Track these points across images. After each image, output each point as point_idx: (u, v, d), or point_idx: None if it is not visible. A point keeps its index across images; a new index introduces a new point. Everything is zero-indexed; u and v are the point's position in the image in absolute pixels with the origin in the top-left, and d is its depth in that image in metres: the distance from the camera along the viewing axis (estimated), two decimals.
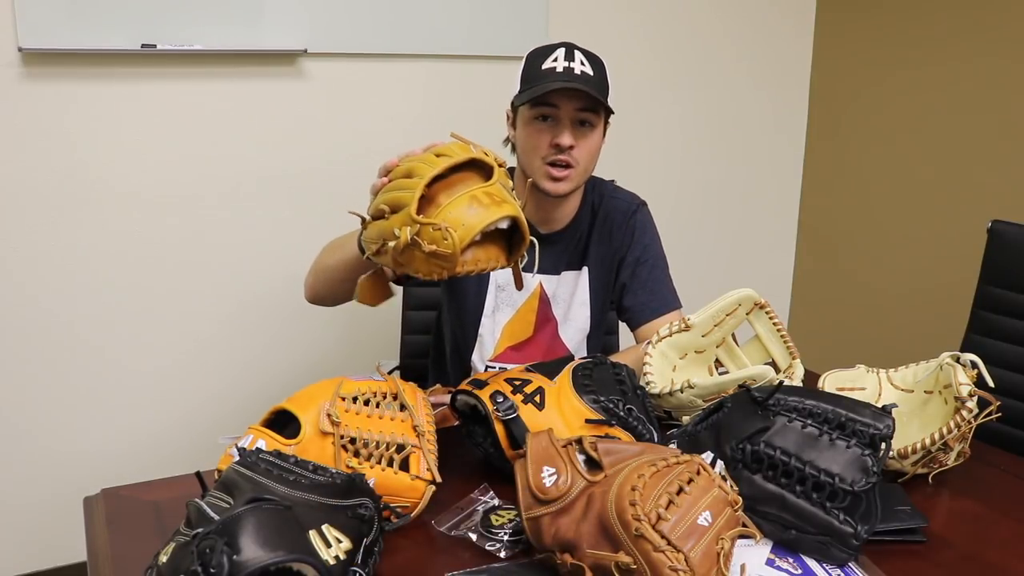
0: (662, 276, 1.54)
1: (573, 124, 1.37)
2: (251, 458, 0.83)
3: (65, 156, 1.94)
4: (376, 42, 2.19)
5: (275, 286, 2.21)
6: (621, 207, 1.53)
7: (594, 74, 1.37)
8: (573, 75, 1.34)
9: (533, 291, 1.52)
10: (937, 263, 2.55)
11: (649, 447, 0.92)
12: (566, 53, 1.36)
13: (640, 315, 1.51)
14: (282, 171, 2.16)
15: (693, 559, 0.76)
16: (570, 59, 1.36)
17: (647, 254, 1.53)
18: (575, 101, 1.35)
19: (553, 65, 1.35)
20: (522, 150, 1.43)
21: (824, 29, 2.83)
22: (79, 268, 1.99)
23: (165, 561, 0.71)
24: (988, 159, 2.39)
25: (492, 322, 1.52)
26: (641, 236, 1.53)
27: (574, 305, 1.53)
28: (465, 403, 1.11)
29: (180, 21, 1.94)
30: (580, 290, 1.53)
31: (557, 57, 1.36)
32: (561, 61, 1.35)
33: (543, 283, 1.52)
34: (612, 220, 1.52)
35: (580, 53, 1.38)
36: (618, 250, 1.52)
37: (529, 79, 1.38)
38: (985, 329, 1.59)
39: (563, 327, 1.54)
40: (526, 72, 1.40)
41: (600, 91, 1.36)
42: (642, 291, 1.52)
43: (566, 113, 1.36)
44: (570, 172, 1.38)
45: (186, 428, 2.17)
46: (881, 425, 0.92)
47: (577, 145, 1.37)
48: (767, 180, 2.93)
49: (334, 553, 0.75)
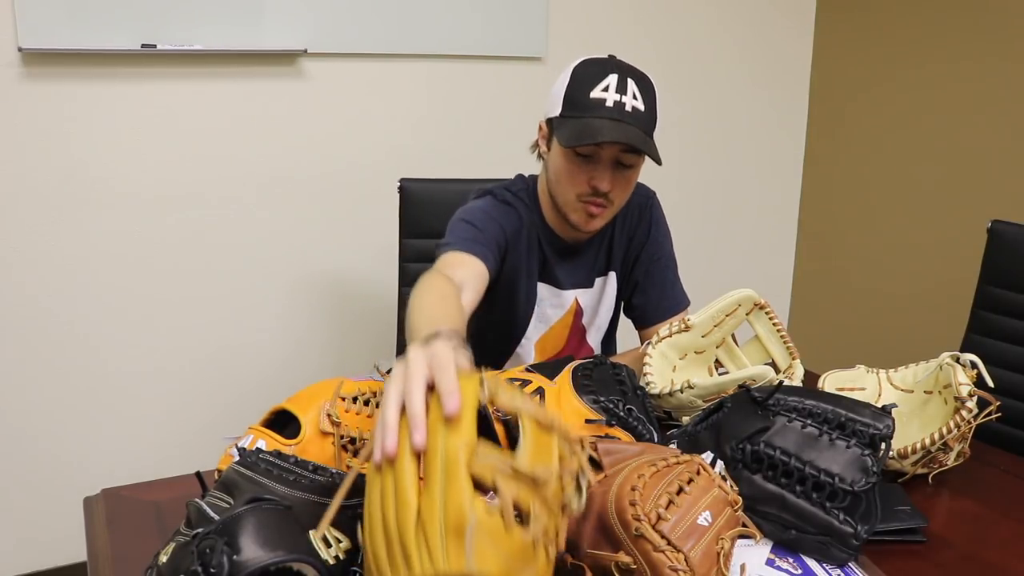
0: (674, 275, 1.51)
1: (613, 163, 1.27)
2: (251, 458, 0.82)
3: (65, 156, 1.94)
4: (377, 42, 2.19)
5: (275, 286, 2.22)
6: (636, 200, 1.46)
7: (645, 109, 1.25)
8: (623, 112, 1.22)
9: (569, 308, 1.48)
10: (937, 263, 2.55)
11: (649, 447, 0.92)
12: (618, 82, 1.23)
13: (651, 314, 1.49)
14: (282, 171, 2.17)
15: (693, 559, 0.76)
16: (622, 90, 1.22)
17: (661, 251, 1.49)
18: (621, 138, 1.22)
19: (603, 97, 1.22)
20: (555, 179, 1.33)
21: (824, 29, 2.83)
22: (79, 268, 1.99)
23: (165, 561, 0.71)
24: (988, 159, 2.39)
25: (526, 339, 1.49)
26: (657, 232, 1.49)
27: (601, 311, 1.51)
28: None
29: (180, 21, 1.94)
30: (608, 296, 1.50)
31: (608, 86, 1.23)
32: (612, 93, 1.22)
33: (578, 298, 1.48)
34: (630, 214, 1.46)
35: (633, 83, 1.24)
36: (636, 246, 1.48)
37: (574, 105, 1.25)
38: (985, 329, 1.59)
39: (590, 333, 1.52)
40: (571, 94, 1.26)
41: (649, 128, 1.26)
42: (653, 290, 1.49)
43: (608, 154, 1.26)
44: (604, 211, 1.31)
45: (186, 428, 2.17)
46: (881, 425, 0.92)
47: (615, 188, 1.28)
48: (767, 180, 2.93)
49: (334, 553, 0.75)
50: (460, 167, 2.25)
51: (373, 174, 2.25)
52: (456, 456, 0.60)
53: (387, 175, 2.04)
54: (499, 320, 1.45)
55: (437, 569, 0.56)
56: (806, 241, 3.02)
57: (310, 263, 2.25)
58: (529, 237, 1.40)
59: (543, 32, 2.36)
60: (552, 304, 1.46)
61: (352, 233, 2.27)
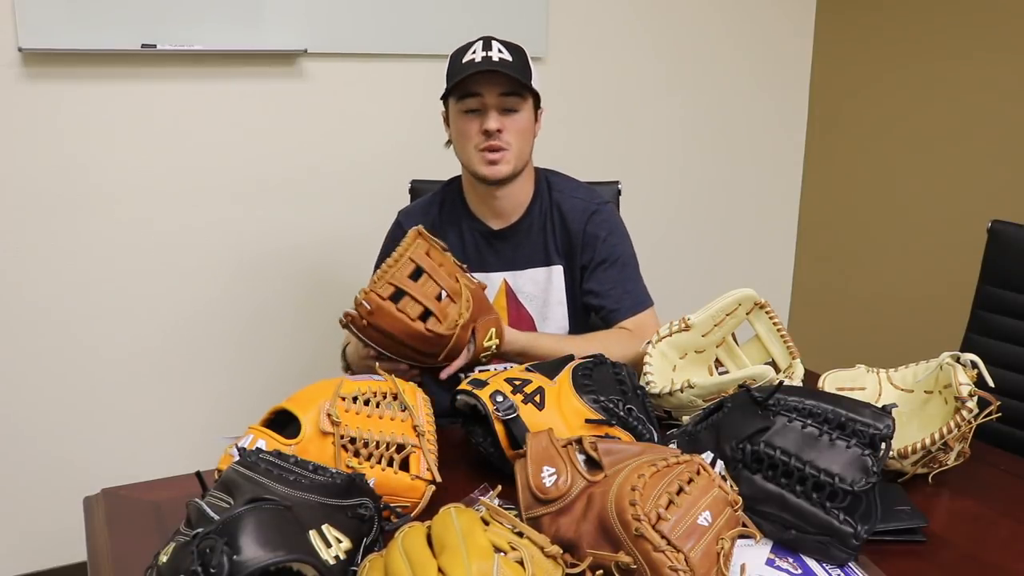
0: (629, 276, 1.52)
1: (499, 111, 1.40)
2: (251, 458, 0.82)
3: (65, 156, 1.94)
4: (376, 42, 2.19)
5: (275, 286, 2.22)
6: (578, 207, 1.52)
7: (513, 60, 1.40)
8: (491, 63, 1.37)
9: (499, 288, 1.53)
10: (937, 263, 2.55)
11: (649, 447, 0.92)
12: (483, 44, 1.40)
13: (609, 317, 1.50)
14: (282, 171, 2.17)
15: (693, 559, 0.76)
16: (487, 49, 1.39)
17: (613, 255, 1.51)
18: (496, 86, 1.38)
19: (472, 57, 1.39)
20: (457, 144, 1.47)
21: (824, 29, 2.83)
22: (79, 268, 1.99)
23: (165, 561, 0.71)
24: (988, 159, 2.39)
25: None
26: (602, 242, 1.51)
27: (551, 304, 1.53)
28: (465, 403, 1.11)
29: (180, 21, 1.94)
30: (555, 289, 1.53)
31: (475, 49, 1.39)
32: (479, 52, 1.39)
33: (507, 279, 1.53)
34: (570, 221, 1.51)
35: (498, 43, 1.41)
36: (580, 254, 1.52)
37: (452, 74, 1.41)
38: (985, 329, 1.59)
39: (542, 326, 1.54)
40: (449, 69, 1.43)
41: (521, 74, 1.39)
42: (612, 292, 1.50)
43: (491, 100, 1.39)
44: (504, 154, 1.41)
45: (186, 428, 2.17)
46: (881, 425, 0.92)
47: (505, 128, 1.40)
48: (767, 180, 2.93)
49: (334, 553, 0.75)
50: (459, 167, 2.25)
51: (373, 174, 2.25)
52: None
53: (387, 175, 2.05)
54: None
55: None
56: (806, 241, 3.02)
57: (310, 262, 2.25)
58: (453, 233, 1.52)
59: (543, 32, 2.36)
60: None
61: (352, 232, 2.27)
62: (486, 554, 0.68)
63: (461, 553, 0.68)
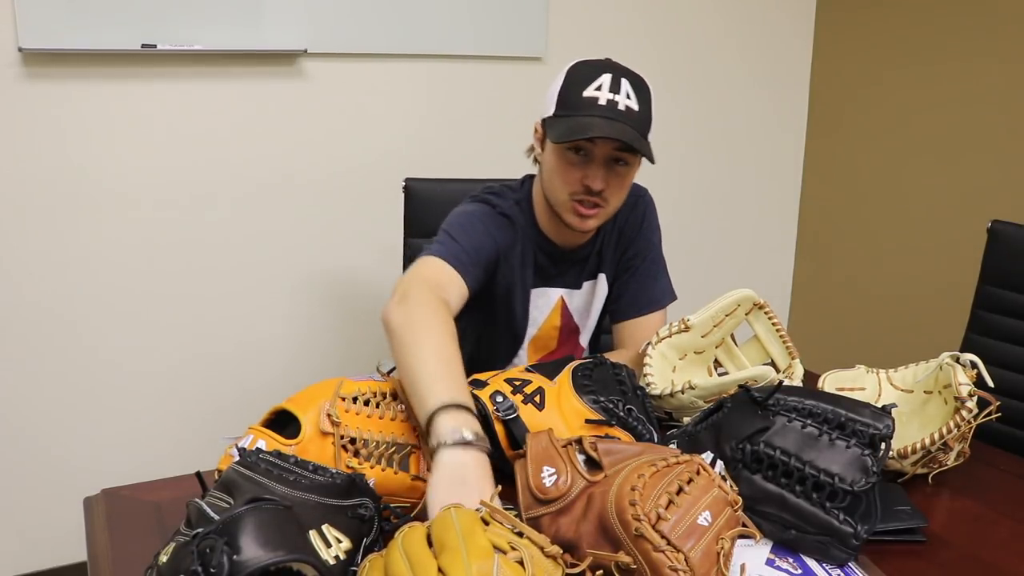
0: (658, 271, 1.49)
1: (607, 162, 1.26)
2: (251, 458, 0.82)
3: (65, 156, 1.93)
4: (377, 42, 2.19)
5: (275, 286, 2.22)
6: (628, 199, 1.43)
7: (639, 109, 1.24)
8: (616, 111, 1.22)
9: (554, 306, 1.47)
10: (937, 263, 2.55)
11: (649, 447, 0.92)
12: (612, 82, 1.23)
13: (626, 309, 1.47)
14: (282, 171, 2.17)
15: (693, 559, 0.76)
16: (615, 90, 1.22)
17: (649, 248, 1.48)
18: (613, 140, 1.22)
19: (595, 95, 1.22)
20: (548, 178, 1.32)
21: (824, 29, 2.84)
22: (79, 268, 1.99)
23: (165, 561, 0.71)
24: (988, 159, 2.39)
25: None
26: (647, 229, 1.47)
27: (592, 313, 1.51)
28: None
29: (180, 21, 1.94)
30: (597, 299, 1.50)
31: (601, 85, 1.22)
32: (605, 92, 1.22)
33: (564, 297, 1.47)
34: (621, 212, 1.43)
35: (627, 82, 1.24)
36: (625, 243, 1.47)
37: (567, 104, 1.25)
38: (985, 329, 1.59)
39: (583, 335, 1.53)
40: (564, 94, 1.26)
41: (643, 129, 1.26)
42: (634, 283, 1.47)
43: (601, 152, 1.25)
44: (598, 211, 1.30)
45: (186, 428, 2.17)
46: (881, 425, 0.92)
47: (609, 186, 1.27)
48: (767, 180, 2.93)
49: (334, 553, 0.75)
50: (460, 167, 2.25)
51: (373, 174, 2.25)
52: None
53: (387, 175, 2.04)
54: (499, 330, 1.46)
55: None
56: (806, 241, 3.02)
57: (310, 263, 2.25)
58: (523, 250, 1.40)
59: (543, 32, 2.36)
60: (536, 305, 1.46)
61: (352, 232, 2.27)
62: (486, 554, 0.69)
63: (461, 553, 0.68)
